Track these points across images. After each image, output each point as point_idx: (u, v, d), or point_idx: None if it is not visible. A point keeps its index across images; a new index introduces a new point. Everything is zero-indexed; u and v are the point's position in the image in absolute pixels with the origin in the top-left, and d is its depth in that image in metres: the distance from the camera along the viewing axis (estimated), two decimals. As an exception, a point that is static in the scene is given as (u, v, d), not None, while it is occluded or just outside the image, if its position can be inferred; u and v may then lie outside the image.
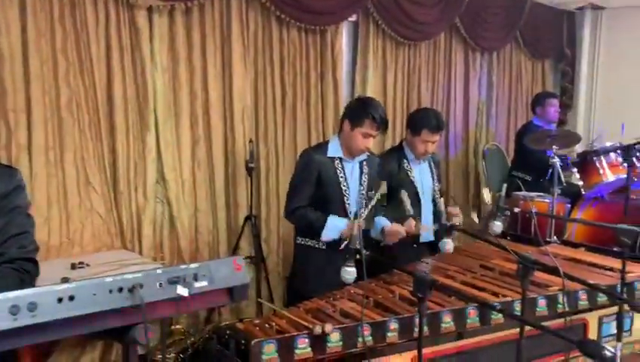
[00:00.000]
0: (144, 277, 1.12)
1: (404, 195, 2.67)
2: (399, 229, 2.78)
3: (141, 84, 3.18)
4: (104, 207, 3.11)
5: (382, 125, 2.68)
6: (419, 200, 3.13)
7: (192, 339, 3.31)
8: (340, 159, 2.76)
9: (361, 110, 2.69)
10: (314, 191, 2.73)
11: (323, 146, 2.83)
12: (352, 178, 2.77)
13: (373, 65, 4.36)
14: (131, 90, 3.15)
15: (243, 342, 1.77)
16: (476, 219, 5.30)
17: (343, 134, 2.77)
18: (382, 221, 2.86)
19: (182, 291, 1.15)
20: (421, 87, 4.76)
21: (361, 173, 2.81)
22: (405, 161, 3.16)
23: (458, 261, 2.82)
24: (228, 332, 1.86)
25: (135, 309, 1.10)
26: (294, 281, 3.02)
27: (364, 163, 2.83)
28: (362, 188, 2.79)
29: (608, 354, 1.32)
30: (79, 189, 3.03)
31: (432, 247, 3.13)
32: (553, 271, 2.26)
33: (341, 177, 2.73)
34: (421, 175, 3.19)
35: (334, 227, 2.65)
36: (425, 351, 2.02)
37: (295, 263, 2.96)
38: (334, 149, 2.77)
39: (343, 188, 2.73)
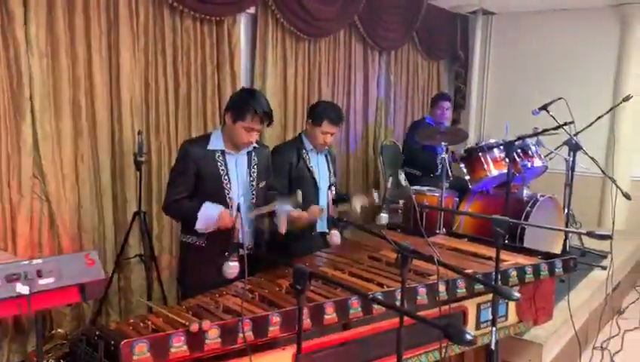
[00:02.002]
0: (-25, 275, 1.01)
1: (299, 195, 2.65)
2: (302, 215, 2.80)
3: (15, 69, 2.92)
4: (-28, 202, 2.84)
5: (265, 118, 2.60)
6: (317, 190, 3.16)
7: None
8: (222, 152, 2.67)
9: (243, 103, 2.59)
10: (193, 184, 2.63)
11: (204, 139, 2.72)
12: (237, 171, 2.69)
13: (273, 59, 4.33)
14: (3, 75, 2.89)
15: (112, 342, 1.67)
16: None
17: (225, 127, 2.68)
18: (285, 207, 2.77)
19: (22, 289, 1.05)
20: (321, 82, 4.80)
21: (250, 164, 2.75)
22: (304, 151, 3.18)
23: (349, 253, 2.86)
24: (97, 333, 1.75)
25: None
26: (181, 281, 2.91)
27: (253, 154, 2.77)
28: (252, 178, 2.73)
29: (469, 337, 1.38)
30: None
31: (325, 237, 3.16)
32: (432, 260, 2.36)
33: (222, 170, 2.63)
34: (319, 166, 3.23)
35: (208, 215, 2.53)
36: (309, 343, 2.03)
37: (180, 262, 2.86)
38: (216, 142, 2.66)
39: (224, 181, 2.64)
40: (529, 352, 3.19)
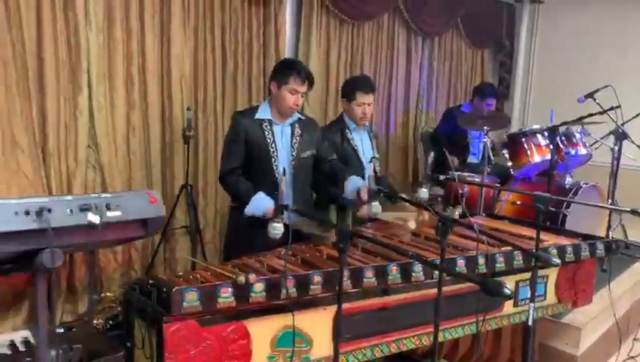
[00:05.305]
0: (52, 202, 1.11)
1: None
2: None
3: (74, 43, 3.09)
4: (31, 169, 3.01)
5: (307, 79, 2.75)
6: (362, 167, 3.24)
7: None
8: (270, 121, 2.79)
9: (285, 68, 2.78)
10: (244, 152, 2.75)
11: (252, 109, 2.88)
12: (283, 140, 2.81)
13: (317, 41, 4.40)
14: (63, 48, 3.05)
15: (165, 290, 1.78)
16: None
17: (272, 97, 2.81)
18: (356, 180, 2.75)
19: (93, 218, 1.14)
20: (363, 66, 4.83)
21: (292, 134, 2.85)
22: (347, 130, 3.27)
23: (388, 229, 2.90)
24: (150, 282, 1.86)
25: (43, 233, 1.09)
26: (228, 250, 3.03)
27: (297, 125, 2.87)
28: (293, 149, 2.83)
29: (507, 290, 1.41)
30: (4, 149, 2.92)
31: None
32: (474, 236, 2.39)
33: (269, 139, 2.77)
34: (362, 143, 3.30)
35: (259, 205, 2.66)
36: (348, 305, 2.09)
37: (228, 227, 2.97)
38: (263, 112, 2.82)
39: (271, 149, 2.77)
40: (566, 335, 3.17)
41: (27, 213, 1.09)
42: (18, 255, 1.15)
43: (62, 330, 1.57)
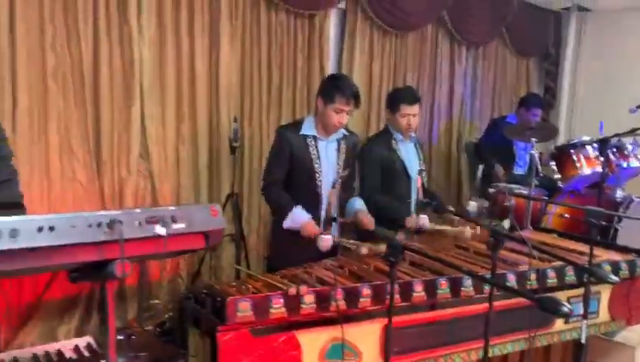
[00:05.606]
0: (123, 215, 1.16)
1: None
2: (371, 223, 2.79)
3: (128, 55, 3.19)
4: (86, 177, 3.12)
5: (353, 99, 2.73)
6: (408, 178, 3.22)
7: (170, 314, 3.36)
8: (314, 137, 2.80)
9: (331, 86, 2.77)
10: (287, 167, 2.78)
11: (297, 124, 2.88)
12: (327, 156, 2.81)
13: (360, 52, 4.41)
14: (117, 60, 3.16)
15: (219, 299, 1.81)
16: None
17: (317, 112, 2.82)
18: (357, 204, 2.89)
19: (160, 230, 1.19)
20: (407, 77, 4.82)
21: (338, 151, 2.86)
22: (393, 141, 3.25)
23: (433, 241, 2.88)
24: (204, 291, 1.90)
25: (113, 244, 1.13)
26: (272, 259, 3.06)
27: (342, 141, 2.88)
28: (339, 166, 2.84)
29: (565, 309, 1.38)
30: (61, 158, 3.05)
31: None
32: (524, 250, 2.35)
33: (313, 155, 2.78)
34: (408, 154, 3.27)
35: (295, 219, 2.69)
36: (397, 319, 2.08)
37: (272, 240, 3.01)
38: (308, 127, 2.82)
39: (315, 165, 2.77)
40: (619, 355, 3.06)
41: (99, 225, 1.14)
42: (88, 264, 1.20)
43: (121, 337, 1.62)
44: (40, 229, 1.07)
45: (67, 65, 3.00)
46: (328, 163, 2.84)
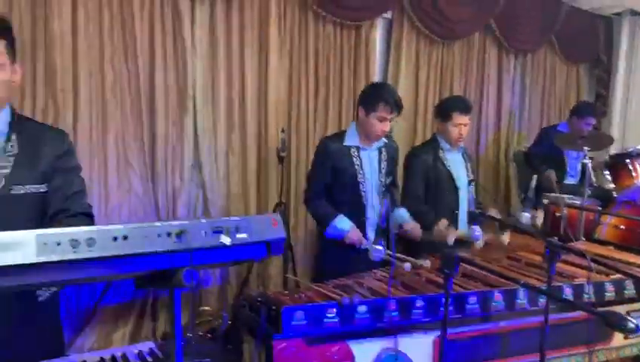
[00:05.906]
0: (190, 225, 1.20)
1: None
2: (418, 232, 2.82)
3: (182, 69, 3.31)
4: (142, 188, 3.24)
5: (395, 107, 2.72)
6: (456, 189, 3.18)
7: (220, 321, 3.43)
8: (358, 148, 2.80)
9: (373, 94, 2.74)
10: (330, 178, 2.78)
11: (340, 135, 2.86)
12: (370, 166, 2.81)
13: (406, 62, 4.41)
14: (172, 74, 3.28)
15: (274, 308, 1.84)
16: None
17: (359, 121, 2.81)
18: (402, 214, 2.89)
19: (225, 240, 1.22)
20: (453, 86, 4.78)
21: (380, 159, 2.86)
22: (441, 150, 3.21)
23: (484, 252, 2.84)
24: (259, 299, 1.93)
25: (182, 253, 1.18)
26: (319, 268, 3.08)
27: (383, 149, 2.88)
28: (381, 174, 2.84)
29: (631, 324, 1.35)
30: (119, 169, 3.17)
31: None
32: (580, 264, 2.29)
33: (357, 165, 2.77)
34: (455, 164, 3.23)
35: (339, 228, 2.70)
36: (451, 331, 2.06)
37: (319, 250, 3.02)
38: (351, 138, 2.81)
39: (359, 175, 2.77)
40: (682, 373, 2.93)
41: (169, 234, 1.18)
42: (155, 273, 1.25)
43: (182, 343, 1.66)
44: (115, 239, 1.13)
45: (124, 79, 3.13)
46: (371, 171, 2.84)
